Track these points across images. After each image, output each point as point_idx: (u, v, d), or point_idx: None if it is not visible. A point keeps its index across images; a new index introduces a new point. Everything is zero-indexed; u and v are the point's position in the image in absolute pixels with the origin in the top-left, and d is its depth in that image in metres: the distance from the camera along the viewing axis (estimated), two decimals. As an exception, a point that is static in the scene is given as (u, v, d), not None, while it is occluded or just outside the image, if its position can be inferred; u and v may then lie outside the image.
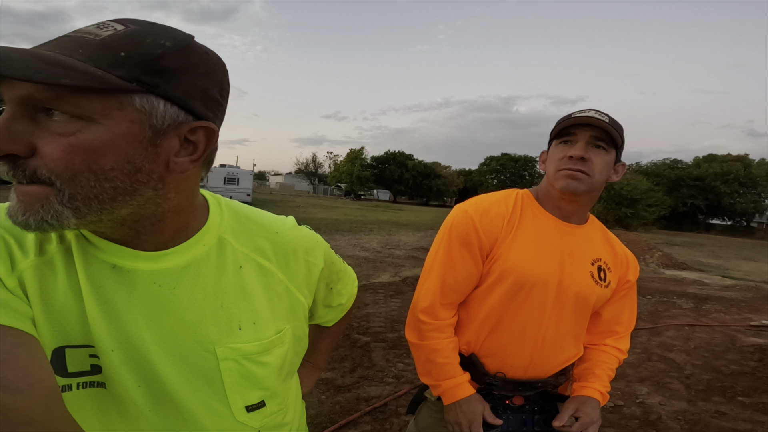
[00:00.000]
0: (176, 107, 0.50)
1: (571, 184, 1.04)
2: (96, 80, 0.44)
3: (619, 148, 1.08)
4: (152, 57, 0.47)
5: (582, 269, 1.11)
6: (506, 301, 1.09)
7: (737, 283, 8.82)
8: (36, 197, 0.46)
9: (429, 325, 1.12)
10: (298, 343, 0.71)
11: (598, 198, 1.18)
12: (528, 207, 1.14)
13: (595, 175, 1.04)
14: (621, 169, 1.13)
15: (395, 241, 11.60)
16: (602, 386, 1.16)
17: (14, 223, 0.48)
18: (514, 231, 1.09)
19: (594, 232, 1.18)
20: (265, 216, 0.71)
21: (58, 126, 0.46)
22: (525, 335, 1.10)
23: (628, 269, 1.21)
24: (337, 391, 2.91)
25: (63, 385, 0.52)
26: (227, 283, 0.61)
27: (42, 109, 0.46)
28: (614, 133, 1.02)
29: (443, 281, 1.11)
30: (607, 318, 1.22)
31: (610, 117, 1.07)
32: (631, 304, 1.26)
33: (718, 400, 3.17)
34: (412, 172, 55.38)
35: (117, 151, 0.47)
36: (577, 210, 1.13)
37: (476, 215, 1.10)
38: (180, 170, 0.53)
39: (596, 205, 27.82)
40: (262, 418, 0.65)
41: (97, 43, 0.46)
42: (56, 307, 0.52)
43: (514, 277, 1.07)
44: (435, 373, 1.13)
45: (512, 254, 1.08)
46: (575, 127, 1.05)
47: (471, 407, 1.09)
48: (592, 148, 1.05)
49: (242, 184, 24.50)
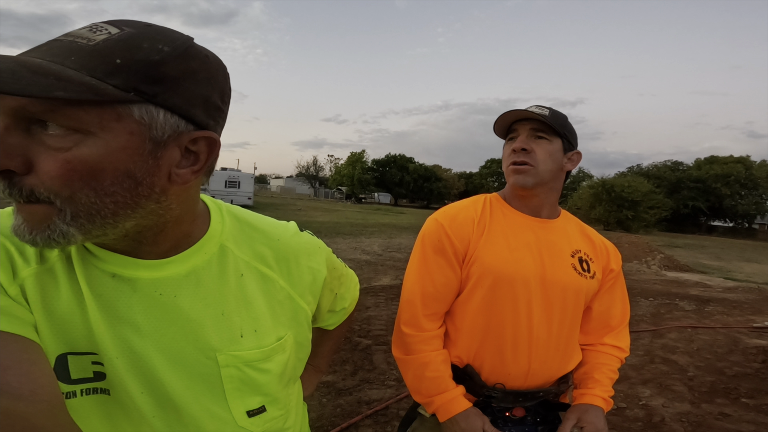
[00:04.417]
0: (176, 117, 0.48)
1: (519, 178, 1.08)
2: (91, 91, 0.42)
3: (566, 136, 1.10)
4: (150, 64, 0.45)
5: (563, 262, 1.10)
6: (489, 303, 1.06)
7: (740, 285, 8.79)
8: (40, 217, 0.45)
9: (414, 337, 1.09)
10: (300, 350, 0.71)
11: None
12: (497, 208, 1.15)
13: (539, 164, 1.07)
14: (576, 157, 1.14)
15: (396, 244, 11.59)
16: (604, 391, 1.11)
17: (22, 241, 0.47)
18: (486, 232, 1.10)
19: (569, 225, 1.18)
20: (267, 222, 0.71)
21: (54, 140, 0.43)
22: (517, 338, 1.06)
23: (609, 258, 1.18)
24: (338, 395, 2.91)
25: (67, 392, 0.52)
26: (229, 290, 0.61)
27: (36, 121, 0.43)
28: (550, 123, 1.05)
29: (423, 291, 1.10)
30: (598, 312, 1.18)
31: (552, 109, 1.10)
32: (621, 295, 1.22)
33: (722, 402, 3.16)
34: (413, 175, 55.45)
35: (117, 166, 0.45)
36: (542, 203, 1.13)
37: (446, 222, 1.11)
38: (182, 182, 0.52)
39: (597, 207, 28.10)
40: (263, 423, 0.64)
41: (90, 50, 0.43)
42: (58, 314, 0.51)
43: (492, 276, 1.06)
44: (425, 388, 1.08)
45: (487, 254, 1.07)
46: (517, 123, 1.11)
47: (469, 423, 1.03)
48: (534, 140, 1.08)
49: (243, 188, 24.56)
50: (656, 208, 28.69)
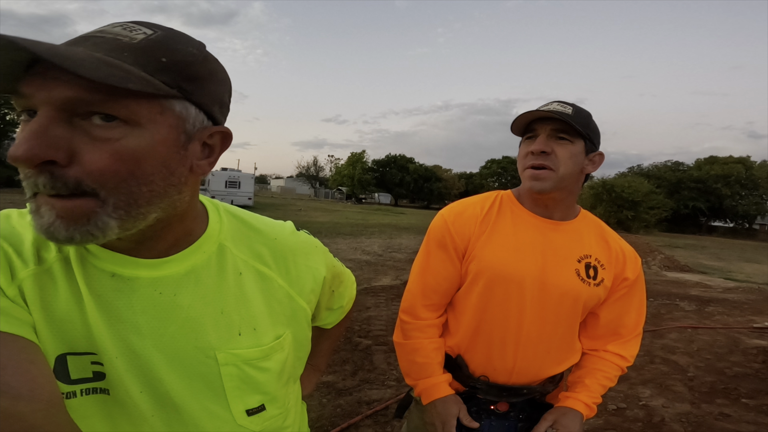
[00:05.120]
0: (202, 113, 0.52)
1: (536, 185, 1.04)
2: (152, 86, 0.45)
3: (589, 137, 1.04)
4: (186, 64, 0.49)
5: (566, 267, 1.07)
6: (485, 301, 1.08)
7: (740, 285, 8.80)
8: (82, 212, 0.45)
9: (410, 324, 1.15)
10: (299, 348, 0.71)
11: (581, 192, 1.16)
12: (507, 206, 1.13)
13: (559, 168, 1.01)
14: (598, 159, 1.08)
15: (396, 244, 11.60)
16: (589, 397, 1.09)
17: (51, 240, 0.46)
18: (489, 230, 1.09)
19: (585, 228, 1.13)
20: (263, 222, 0.71)
21: (101, 131, 0.44)
22: (506, 336, 1.07)
23: (626, 266, 1.12)
24: (338, 395, 2.91)
25: (67, 392, 0.52)
26: (227, 289, 0.61)
27: (81, 113, 0.44)
28: (573, 123, 0.99)
29: (424, 283, 1.15)
30: (606, 320, 1.14)
31: (576, 107, 1.04)
32: (637, 305, 1.15)
33: (722, 402, 3.16)
34: (413, 175, 55.47)
35: (156, 156, 0.48)
36: (557, 205, 1.09)
37: (450, 218, 1.13)
38: (201, 173, 0.55)
39: (598, 207, 28.08)
40: (262, 422, 0.65)
41: (135, 47, 0.46)
42: (57, 315, 0.52)
43: (488, 275, 1.06)
44: (414, 372, 1.14)
45: (487, 253, 1.07)
46: (537, 122, 1.04)
47: (446, 408, 1.07)
48: (555, 141, 1.02)
49: (244, 188, 24.56)
50: (656, 209, 28.67)
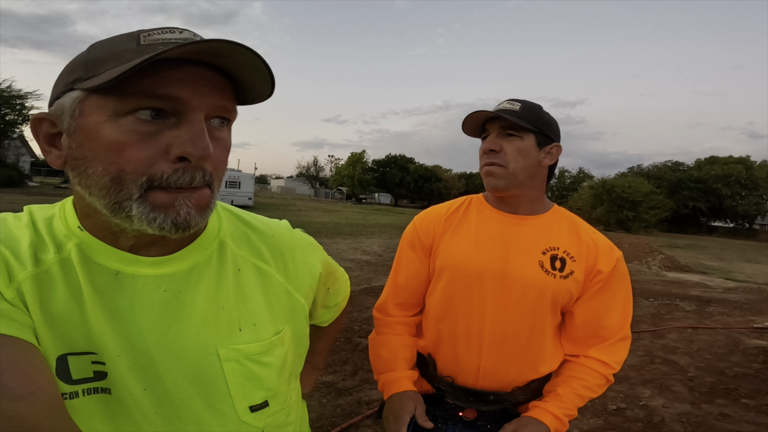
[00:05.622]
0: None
1: (490, 181, 1.07)
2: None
3: (540, 131, 1.04)
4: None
5: (528, 258, 1.04)
6: (449, 295, 1.09)
7: (740, 286, 8.79)
8: (207, 200, 0.53)
9: (380, 320, 1.20)
10: (298, 344, 0.72)
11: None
12: (474, 206, 1.16)
13: (509, 164, 1.03)
14: (555, 150, 1.08)
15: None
16: (559, 408, 1.00)
17: (177, 231, 0.51)
18: (454, 228, 1.13)
19: (556, 222, 1.10)
20: (260, 220, 0.73)
21: (219, 131, 0.54)
22: (470, 331, 1.05)
23: (598, 258, 1.05)
24: (338, 395, 2.91)
25: (69, 392, 0.52)
26: (227, 285, 0.62)
27: (209, 116, 0.52)
28: (516, 120, 1.01)
29: (395, 281, 1.20)
30: (584, 320, 1.06)
31: (525, 102, 1.06)
32: (621, 305, 1.07)
33: (722, 403, 3.15)
34: (413, 175, 55.39)
35: None
36: (519, 201, 1.09)
37: (418, 220, 1.21)
38: None
39: (598, 207, 28.06)
40: (265, 418, 0.65)
41: None
42: (57, 315, 0.52)
43: (450, 269, 1.09)
44: (378, 366, 1.15)
45: (449, 249, 1.11)
46: (488, 122, 1.08)
47: (401, 403, 1.04)
48: (504, 138, 1.05)
49: (244, 188, 24.55)
50: (657, 209, 28.67)
